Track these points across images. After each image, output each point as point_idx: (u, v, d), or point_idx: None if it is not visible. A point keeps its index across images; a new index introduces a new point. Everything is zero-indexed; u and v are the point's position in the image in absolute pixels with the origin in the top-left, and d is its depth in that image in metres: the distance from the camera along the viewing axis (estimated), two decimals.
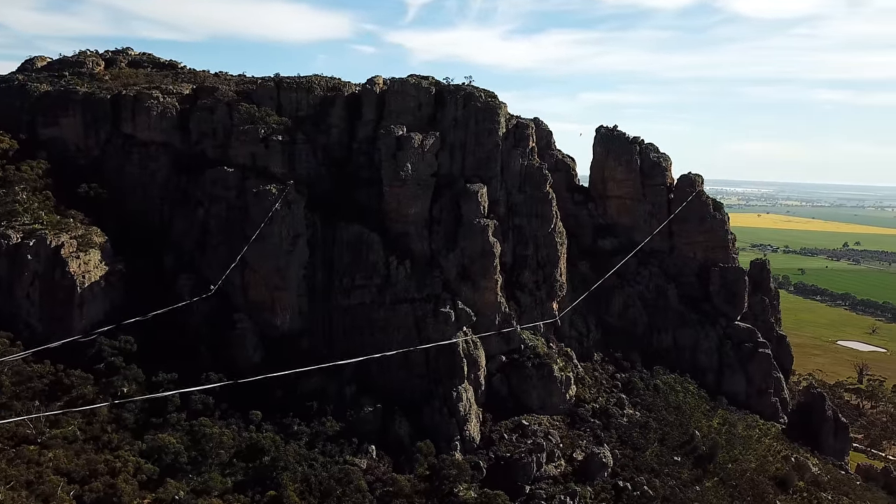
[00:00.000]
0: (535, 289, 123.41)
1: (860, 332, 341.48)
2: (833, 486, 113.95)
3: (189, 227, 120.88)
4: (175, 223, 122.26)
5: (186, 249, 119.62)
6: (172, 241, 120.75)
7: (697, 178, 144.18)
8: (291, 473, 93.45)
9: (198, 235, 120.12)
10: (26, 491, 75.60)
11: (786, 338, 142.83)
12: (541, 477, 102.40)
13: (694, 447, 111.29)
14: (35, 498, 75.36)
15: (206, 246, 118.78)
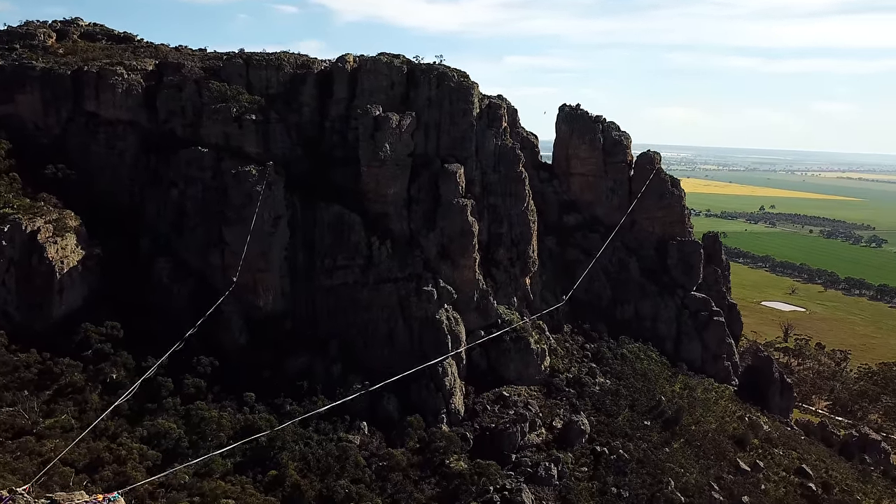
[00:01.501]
0: (510, 265, 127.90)
1: (781, 293, 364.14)
2: (783, 441, 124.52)
3: (163, 209, 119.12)
4: (147, 205, 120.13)
5: (162, 232, 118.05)
6: (146, 224, 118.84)
7: (656, 155, 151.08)
8: (290, 452, 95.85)
9: (173, 217, 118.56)
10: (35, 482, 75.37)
11: (736, 306, 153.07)
12: (524, 445, 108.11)
13: (661, 412, 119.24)
14: (47, 490, 75.29)
15: (183, 228, 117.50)
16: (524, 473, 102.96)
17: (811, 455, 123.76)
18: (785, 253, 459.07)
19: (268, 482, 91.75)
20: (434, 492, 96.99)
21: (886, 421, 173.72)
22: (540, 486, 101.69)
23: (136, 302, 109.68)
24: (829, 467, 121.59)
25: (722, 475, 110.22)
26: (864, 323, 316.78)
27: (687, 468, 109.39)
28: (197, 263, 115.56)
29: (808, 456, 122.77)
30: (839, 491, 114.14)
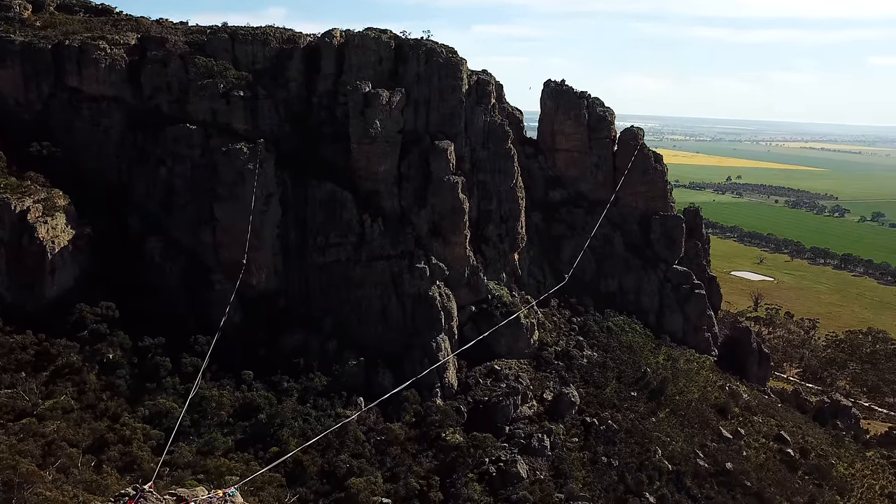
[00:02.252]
0: (499, 241, 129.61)
1: (750, 263, 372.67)
2: (761, 409, 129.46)
3: (151, 187, 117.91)
4: (135, 183, 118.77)
5: (151, 210, 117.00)
6: (134, 202, 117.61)
7: (639, 131, 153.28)
8: (290, 429, 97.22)
9: (162, 195, 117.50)
10: (44, 464, 75.69)
11: (715, 278, 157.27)
12: (517, 417, 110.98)
13: (647, 382, 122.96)
14: (56, 471, 75.64)
15: (172, 206, 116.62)
16: (518, 445, 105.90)
17: (788, 422, 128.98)
18: (752, 223, 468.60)
19: (269, 458, 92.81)
20: (432, 464, 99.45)
21: (854, 387, 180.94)
22: (534, 457, 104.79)
23: (128, 281, 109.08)
24: (805, 433, 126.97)
25: (706, 443, 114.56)
26: (829, 291, 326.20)
27: (673, 437, 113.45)
28: (188, 242, 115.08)
29: (786, 423, 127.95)
30: (815, 456, 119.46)
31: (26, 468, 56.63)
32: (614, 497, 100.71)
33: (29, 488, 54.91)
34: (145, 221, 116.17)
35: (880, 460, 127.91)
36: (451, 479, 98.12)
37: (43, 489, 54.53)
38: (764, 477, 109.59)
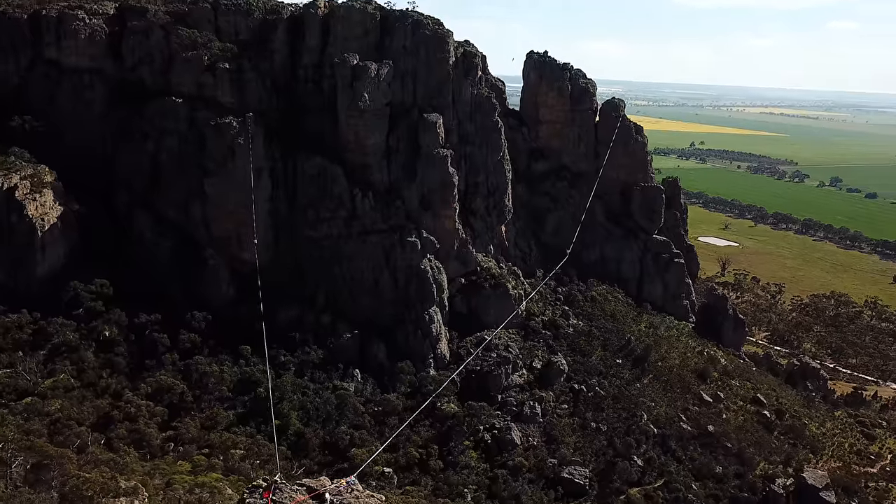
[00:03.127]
0: (487, 214, 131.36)
1: (716, 229, 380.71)
2: (738, 373, 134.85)
3: (137, 162, 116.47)
4: (120, 157, 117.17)
5: (137, 185, 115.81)
6: (120, 177, 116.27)
7: (620, 103, 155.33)
8: (290, 402, 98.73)
9: (149, 170, 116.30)
10: (52, 443, 76.13)
11: (693, 247, 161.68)
12: (508, 386, 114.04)
13: (631, 350, 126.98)
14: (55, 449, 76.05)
15: (160, 181, 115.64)
16: (510, 412, 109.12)
17: (763, 385, 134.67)
18: (716, 189, 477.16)
19: (271, 432, 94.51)
20: (430, 433, 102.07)
21: (819, 349, 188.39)
22: (526, 424, 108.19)
23: (118, 258, 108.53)
24: (779, 395, 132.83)
25: (688, 406, 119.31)
26: (791, 256, 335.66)
27: (657, 402, 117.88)
28: (177, 217, 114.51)
29: (761, 386, 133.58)
30: (789, 416, 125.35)
31: (55, 450, 57.12)
32: (604, 461, 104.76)
33: (56, 469, 55.64)
34: (132, 197, 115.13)
35: (848, 419, 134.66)
36: (447, 447, 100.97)
37: (72, 468, 55.23)
38: (743, 438, 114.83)
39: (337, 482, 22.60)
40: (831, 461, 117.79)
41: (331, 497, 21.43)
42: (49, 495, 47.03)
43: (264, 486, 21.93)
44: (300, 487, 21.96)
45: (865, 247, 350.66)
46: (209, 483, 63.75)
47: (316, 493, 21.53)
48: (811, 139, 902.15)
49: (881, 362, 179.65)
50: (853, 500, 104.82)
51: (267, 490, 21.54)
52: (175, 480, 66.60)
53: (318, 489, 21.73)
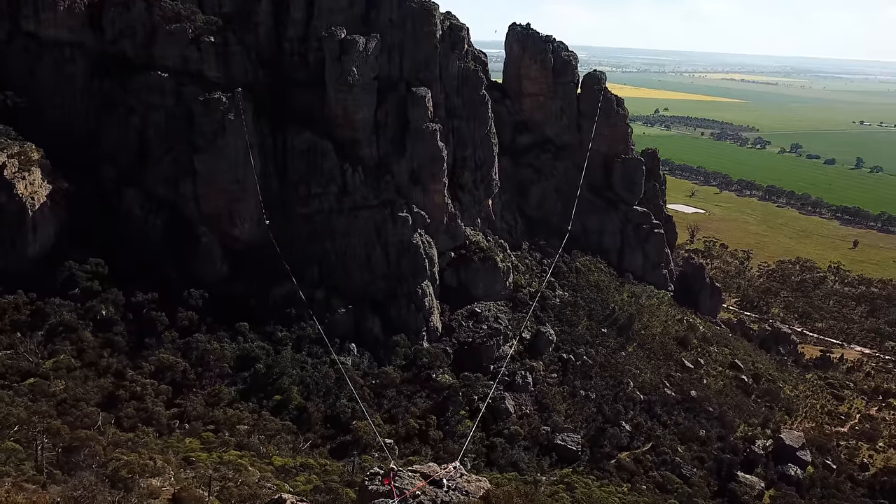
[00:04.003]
0: (474, 188, 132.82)
1: (683, 196, 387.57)
2: (716, 340, 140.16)
3: (123, 138, 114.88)
4: (105, 133, 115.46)
5: (124, 161, 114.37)
6: (106, 153, 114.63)
7: (602, 75, 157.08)
8: (289, 377, 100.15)
9: (135, 146, 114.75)
10: (65, 425, 76.52)
11: (672, 218, 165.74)
12: (500, 357, 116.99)
13: (615, 319, 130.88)
14: (73, 430, 76.58)
15: (148, 157, 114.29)
16: (503, 382, 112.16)
17: (739, 350, 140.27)
18: (682, 156, 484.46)
19: (273, 407, 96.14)
20: (426, 405, 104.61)
21: (787, 314, 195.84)
22: (518, 393, 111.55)
23: (109, 236, 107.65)
24: (755, 360, 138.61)
25: (671, 373, 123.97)
26: (756, 222, 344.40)
27: (642, 369, 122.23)
28: (167, 194, 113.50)
29: (738, 351, 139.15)
30: (765, 380, 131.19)
31: (85, 433, 57.97)
32: (594, 427, 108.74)
33: (85, 450, 56.56)
34: (120, 173, 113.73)
35: (818, 381, 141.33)
36: (444, 417, 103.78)
37: (101, 450, 56.20)
38: (724, 402, 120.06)
39: (444, 467, 24.48)
40: (805, 422, 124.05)
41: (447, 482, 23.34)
42: (91, 478, 47.99)
43: (383, 474, 23.68)
44: (414, 474, 23.78)
45: (826, 212, 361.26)
46: (233, 461, 65.35)
47: (432, 478, 23.39)
48: (771, 105, 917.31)
49: (845, 326, 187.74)
50: (827, 458, 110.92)
51: (387, 477, 23.30)
52: (196, 458, 68.06)
53: (432, 475, 23.59)
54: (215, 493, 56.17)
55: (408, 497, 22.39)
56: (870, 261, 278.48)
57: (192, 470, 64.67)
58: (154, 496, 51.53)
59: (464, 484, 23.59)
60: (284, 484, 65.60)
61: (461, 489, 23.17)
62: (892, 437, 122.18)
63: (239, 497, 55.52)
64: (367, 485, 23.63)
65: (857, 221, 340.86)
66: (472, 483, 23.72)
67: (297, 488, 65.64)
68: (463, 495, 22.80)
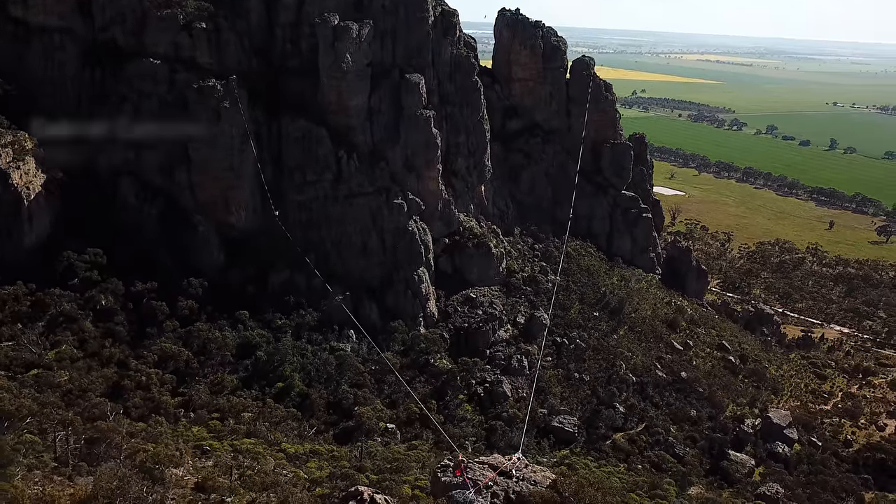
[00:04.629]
0: (467, 174, 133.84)
1: (662, 178, 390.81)
2: (703, 322, 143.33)
3: (115, 126, 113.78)
4: (97, 121, 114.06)
5: (117, 150, 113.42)
6: (99, 142, 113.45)
7: (591, 60, 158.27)
8: (290, 364, 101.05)
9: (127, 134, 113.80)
10: (77, 416, 76.80)
11: (659, 202, 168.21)
12: (496, 341, 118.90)
13: (606, 303, 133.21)
14: (85, 420, 76.94)
15: (141, 146, 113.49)
16: (499, 366, 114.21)
17: (726, 332, 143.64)
18: (661, 138, 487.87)
19: (275, 394, 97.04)
20: (426, 389, 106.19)
21: (768, 295, 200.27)
22: (514, 377, 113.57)
23: (105, 225, 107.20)
24: (741, 341, 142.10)
25: (661, 355, 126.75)
26: (735, 204, 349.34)
27: (633, 351, 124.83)
28: (162, 182, 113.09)
29: (724, 333, 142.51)
30: (752, 361, 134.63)
31: (106, 424, 58.56)
32: (590, 409, 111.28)
33: (107, 441, 57.22)
34: (113, 162, 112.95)
35: (801, 361, 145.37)
36: (443, 401, 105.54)
37: (122, 441, 56.89)
38: (713, 382, 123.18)
39: (509, 458, 25.89)
40: (790, 401, 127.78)
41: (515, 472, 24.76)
42: (125, 470, 48.77)
43: (454, 465, 25.00)
44: (483, 465, 25.14)
45: (802, 194, 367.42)
46: (250, 449, 66.37)
47: (500, 469, 24.78)
48: (746, 86, 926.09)
49: (824, 306, 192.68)
50: (812, 436, 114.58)
51: (458, 468, 24.63)
52: (209, 447, 68.93)
53: (500, 466, 24.98)
54: (237, 482, 57.25)
55: (481, 487, 23.74)
56: (845, 241, 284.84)
57: (206, 458, 65.68)
58: (179, 486, 52.54)
59: (530, 474, 24.98)
60: (299, 471, 66.88)
61: (529, 479, 24.56)
62: (873, 414, 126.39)
63: (262, 485, 56.57)
64: (441, 476, 24.93)
65: (832, 202, 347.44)
66: (537, 473, 25.13)
67: (311, 475, 67.01)
68: (531, 485, 24.18)
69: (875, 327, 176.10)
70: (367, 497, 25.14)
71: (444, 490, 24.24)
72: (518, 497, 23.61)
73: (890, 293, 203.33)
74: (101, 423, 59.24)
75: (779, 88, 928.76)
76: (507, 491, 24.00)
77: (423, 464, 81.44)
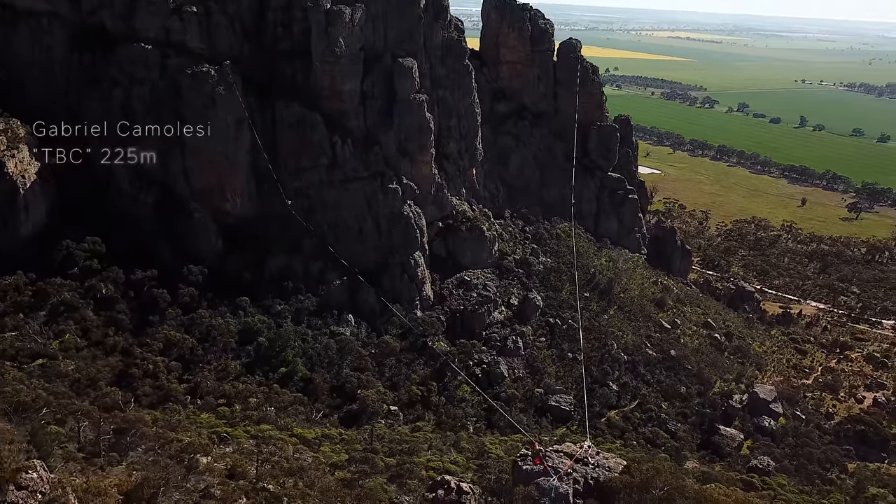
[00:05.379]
0: (459, 158, 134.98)
1: (639, 156, 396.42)
2: (689, 300, 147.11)
3: (107, 112, 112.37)
4: (88, 107, 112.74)
5: (109, 137, 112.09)
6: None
7: (577, 43, 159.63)
8: (292, 349, 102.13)
9: (120, 121, 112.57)
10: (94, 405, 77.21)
11: (644, 183, 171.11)
12: (491, 323, 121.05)
13: (596, 283, 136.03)
14: (99, 409, 77.42)
15: (134, 131, 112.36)
16: (495, 347, 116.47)
17: (710, 310, 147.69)
18: (635, 117, 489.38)
19: (279, 379, 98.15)
20: (425, 371, 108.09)
21: (746, 272, 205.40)
22: (510, 358, 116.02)
23: (100, 213, 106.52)
24: (725, 319, 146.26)
25: (651, 334, 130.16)
26: (709, 182, 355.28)
27: (623, 331, 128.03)
28: (155, 169, 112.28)
29: (709, 311, 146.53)
30: (736, 338, 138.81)
31: (133, 414, 59.42)
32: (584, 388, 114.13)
33: (133, 432, 58.11)
34: (105, 148, 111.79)
35: (782, 337, 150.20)
36: (443, 382, 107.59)
37: (149, 431, 57.85)
38: (700, 360, 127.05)
39: (580, 446, 27.73)
40: (774, 376, 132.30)
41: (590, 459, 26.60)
42: (165, 460, 49.85)
43: (532, 455, 26.77)
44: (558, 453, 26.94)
45: (774, 171, 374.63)
46: (273, 436, 67.70)
47: (576, 457, 26.61)
48: (716, 64, 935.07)
49: (801, 282, 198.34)
50: (796, 410, 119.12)
51: (537, 457, 26.39)
52: (227, 433, 70.09)
53: (573, 454, 26.81)
54: (263, 467, 58.62)
55: (562, 474, 25.55)
56: (817, 218, 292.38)
57: (225, 445, 66.84)
58: (211, 473, 53.79)
59: (603, 461, 26.85)
60: (318, 455, 68.39)
61: (603, 465, 26.43)
62: (851, 387, 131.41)
63: (289, 470, 58.06)
64: (521, 465, 26.68)
65: (803, 180, 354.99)
66: (610, 460, 27.01)
67: (329, 459, 68.64)
68: (606, 471, 26.05)
69: (849, 303, 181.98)
70: (454, 486, 26.80)
71: (526, 478, 25.98)
72: (596, 483, 25.43)
73: (862, 269, 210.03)
74: (128, 413, 60.10)
75: (748, 66, 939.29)
76: (586, 477, 25.82)
77: (429, 444, 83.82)
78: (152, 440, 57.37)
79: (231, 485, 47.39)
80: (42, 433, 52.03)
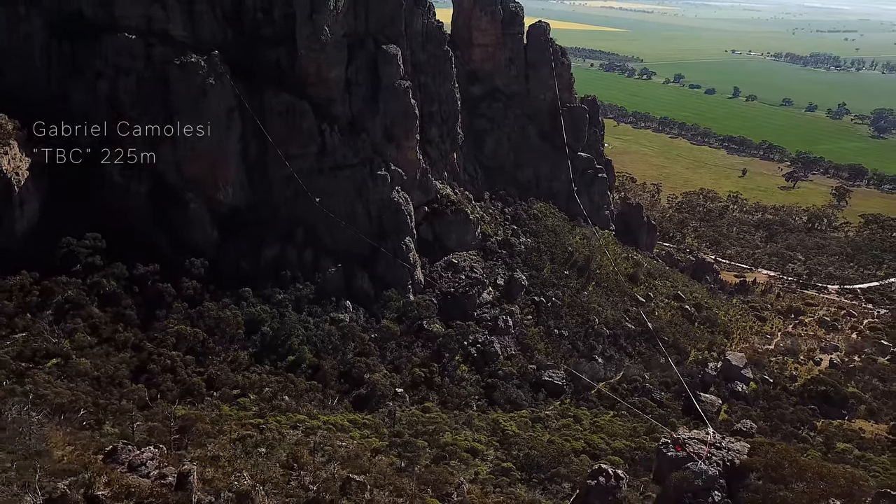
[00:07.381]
0: (441, 142, 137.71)
1: None
2: (658, 274, 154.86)
3: (92, 103, 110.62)
4: (72, 98, 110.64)
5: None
6: (76, 120, 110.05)
7: (547, 26, 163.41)
8: (297, 337, 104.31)
9: (106, 112, 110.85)
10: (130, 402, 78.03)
11: (611, 161, 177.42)
12: (480, 304, 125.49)
13: (574, 261, 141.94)
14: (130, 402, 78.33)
15: (122, 122, 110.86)
16: (487, 327, 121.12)
17: (678, 282, 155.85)
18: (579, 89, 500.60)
19: (287, 367, 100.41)
20: (425, 353, 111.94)
21: (700, 243, 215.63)
22: (501, 336, 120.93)
23: (94, 206, 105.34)
24: (692, 290, 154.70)
25: (628, 308, 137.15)
26: (654, 154, 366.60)
27: (603, 306, 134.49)
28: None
29: (677, 283, 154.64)
30: (705, 308, 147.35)
31: (192, 412, 61.28)
32: (573, 362, 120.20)
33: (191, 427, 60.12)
34: (94, 141, 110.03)
35: (742, 305, 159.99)
36: (441, 363, 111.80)
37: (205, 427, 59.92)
38: (675, 331, 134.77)
39: (703, 432, 32.22)
40: (740, 343, 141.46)
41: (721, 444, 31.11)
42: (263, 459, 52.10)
43: (671, 442, 31.09)
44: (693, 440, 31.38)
45: (714, 142, 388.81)
46: (314, 425, 70.45)
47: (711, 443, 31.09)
48: (649, 34, 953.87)
49: (751, 251, 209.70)
50: (764, 374, 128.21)
51: (678, 445, 30.74)
52: (259, 424, 72.46)
53: (705, 439, 31.31)
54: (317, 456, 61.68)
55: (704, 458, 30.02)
56: (758, 188, 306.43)
57: (262, 435, 69.23)
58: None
59: (729, 446, 31.45)
60: (359, 441, 71.63)
61: (733, 449, 31.04)
62: (809, 350, 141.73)
63: (346, 456, 61.28)
64: (665, 452, 31.01)
65: (742, 150, 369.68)
66: (735, 444, 31.64)
67: (370, 445, 71.97)
68: (737, 454, 30.67)
69: (797, 269, 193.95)
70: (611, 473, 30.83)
71: (672, 464, 30.32)
72: (733, 465, 30.01)
73: (805, 237, 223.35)
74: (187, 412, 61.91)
75: (680, 35, 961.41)
76: (723, 460, 30.35)
77: (445, 424, 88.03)
78: (212, 436, 59.62)
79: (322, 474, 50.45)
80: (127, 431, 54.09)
